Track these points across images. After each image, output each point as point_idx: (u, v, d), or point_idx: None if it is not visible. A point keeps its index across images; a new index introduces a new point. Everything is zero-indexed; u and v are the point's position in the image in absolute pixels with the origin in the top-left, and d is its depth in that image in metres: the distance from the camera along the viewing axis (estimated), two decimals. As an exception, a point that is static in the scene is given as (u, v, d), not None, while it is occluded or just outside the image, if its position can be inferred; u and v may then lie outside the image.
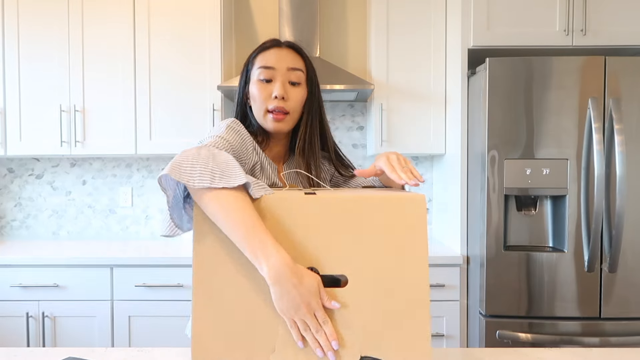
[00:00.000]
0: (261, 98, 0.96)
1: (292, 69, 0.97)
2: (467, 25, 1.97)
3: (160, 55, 2.22)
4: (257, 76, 0.97)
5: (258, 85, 0.97)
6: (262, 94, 0.96)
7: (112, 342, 2.01)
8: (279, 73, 0.96)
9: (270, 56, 0.97)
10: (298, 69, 0.98)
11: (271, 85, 0.96)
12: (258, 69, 0.97)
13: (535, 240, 1.84)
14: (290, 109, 0.97)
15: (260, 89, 0.96)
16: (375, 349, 0.68)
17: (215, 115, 2.22)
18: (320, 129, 1.04)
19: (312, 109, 1.02)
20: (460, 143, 2.02)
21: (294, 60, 0.98)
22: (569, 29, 1.91)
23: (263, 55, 0.98)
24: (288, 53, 0.99)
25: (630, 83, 1.74)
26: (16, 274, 2.00)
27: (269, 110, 0.96)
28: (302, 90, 0.99)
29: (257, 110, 0.98)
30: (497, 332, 1.77)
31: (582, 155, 1.75)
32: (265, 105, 0.96)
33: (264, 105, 0.96)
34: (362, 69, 2.51)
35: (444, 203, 2.34)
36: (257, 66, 0.98)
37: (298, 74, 0.98)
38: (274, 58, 0.97)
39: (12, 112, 2.23)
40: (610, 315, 1.75)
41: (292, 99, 0.97)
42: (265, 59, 0.97)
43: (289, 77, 0.97)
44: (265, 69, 0.96)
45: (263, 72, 0.96)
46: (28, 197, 2.56)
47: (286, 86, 0.97)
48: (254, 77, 0.98)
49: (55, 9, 2.21)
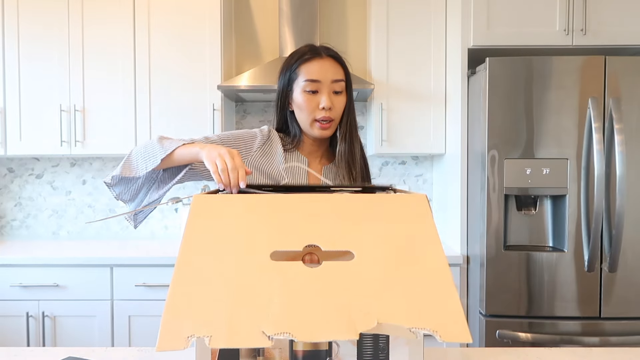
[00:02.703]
0: (309, 109, 1.05)
1: (335, 80, 1.06)
2: (467, 25, 1.97)
3: (160, 54, 2.22)
4: (302, 87, 1.05)
5: (305, 97, 1.05)
6: (309, 105, 1.05)
7: (112, 342, 2.01)
8: (324, 85, 1.05)
9: (315, 68, 1.05)
10: (340, 80, 1.07)
11: (317, 97, 1.05)
12: (304, 81, 1.05)
13: (535, 240, 1.84)
14: (334, 117, 1.07)
15: (307, 100, 1.05)
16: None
17: (215, 115, 2.22)
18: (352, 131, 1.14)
19: (350, 112, 1.12)
20: (460, 143, 2.02)
21: (336, 72, 1.07)
22: (569, 29, 1.91)
23: (307, 67, 1.06)
24: (331, 64, 1.06)
25: (630, 83, 1.74)
26: (16, 273, 2.00)
27: (317, 119, 1.06)
28: (344, 98, 1.09)
29: (303, 118, 1.07)
30: (497, 332, 1.77)
31: (582, 155, 1.75)
32: (313, 115, 1.06)
33: (312, 115, 1.06)
34: (362, 69, 2.51)
35: (444, 203, 2.34)
36: (303, 78, 1.05)
37: (341, 84, 1.07)
38: (318, 71, 1.05)
39: (12, 112, 2.23)
40: (610, 315, 1.75)
41: (336, 107, 1.06)
42: (310, 72, 1.05)
43: (333, 87, 1.06)
44: (311, 82, 1.05)
45: (309, 85, 1.05)
46: (28, 197, 2.56)
47: (331, 96, 1.05)
48: (298, 88, 1.06)
49: (55, 9, 2.21)
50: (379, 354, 0.66)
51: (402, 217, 0.68)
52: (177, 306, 0.57)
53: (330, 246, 0.64)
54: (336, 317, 0.56)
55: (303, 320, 0.55)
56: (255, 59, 2.50)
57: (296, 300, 0.57)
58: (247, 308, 0.57)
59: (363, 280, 0.60)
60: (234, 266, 0.61)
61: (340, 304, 0.57)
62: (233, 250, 0.63)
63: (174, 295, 0.58)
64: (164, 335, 0.53)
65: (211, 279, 0.60)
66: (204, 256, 0.63)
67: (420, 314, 0.57)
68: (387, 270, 0.61)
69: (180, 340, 0.53)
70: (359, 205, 0.70)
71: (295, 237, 0.65)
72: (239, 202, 0.72)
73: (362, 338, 0.66)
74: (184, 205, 2.56)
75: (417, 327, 0.55)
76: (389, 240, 0.65)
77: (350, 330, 0.54)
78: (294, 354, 0.67)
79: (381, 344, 0.66)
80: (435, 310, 0.57)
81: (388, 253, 0.63)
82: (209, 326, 0.54)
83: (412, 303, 0.58)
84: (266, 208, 0.69)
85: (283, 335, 0.53)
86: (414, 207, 0.70)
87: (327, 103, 1.04)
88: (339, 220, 0.67)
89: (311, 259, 0.71)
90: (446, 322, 0.56)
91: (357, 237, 0.65)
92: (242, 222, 0.68)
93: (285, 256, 0.68)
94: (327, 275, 0.60)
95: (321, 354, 0.66)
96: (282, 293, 0.58)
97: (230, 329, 0.54)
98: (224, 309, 0.56)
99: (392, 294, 0.59)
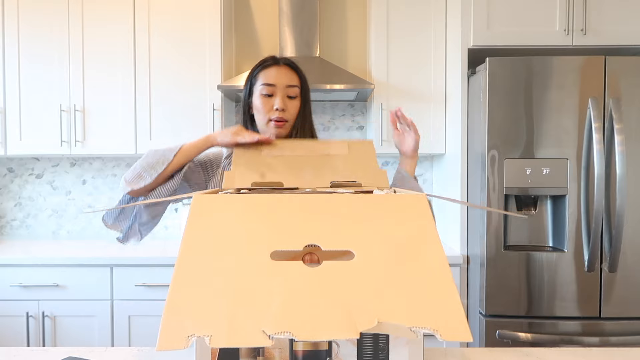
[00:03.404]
0: (264, 110, 1.15)
1: (289, 86, 1.16)
2: (467, 25, 1.97)
3: (160, 54, 2.22)
4: (260, 91, 1.16)
5: (261, 99, 1.16)
6: (265, 106, 1.15)
7: (112, 342, 2.01)
8: (279, 89, 1.15)
9: (271, 74, 1.16)
10: (294, 86, 1.17)
11: (272, 99, 1.16)
12: (261, 85, 1.16)
13: (535, 240, 1.84)
14: (288, 118, 1.17)
15: (263, 102, 1.16)
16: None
17: (215, 114, 2.22)
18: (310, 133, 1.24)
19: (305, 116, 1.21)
20: (460, 143, 2.02)
21: (291, 78, 1.18)
22: (569, 29, 1.91)
23: (265, 73, 1.17)
24: (287, 71, 1.17)
25: (630, 83, 1.74)
26: (16, 273, 2.00)
27: (271, 119, 1.15)
28: (297, 102, 1.19)
29: (260, 119, 1.17)
30: (497, 332, 1.77)
31: (582, 155, 1.75)
32: (268, 116, 1.15)
33: (267, 116, 1.16)
34: (362, 69, 2.51)
35: (444, 203, 2.34)
36: (260, 82, 1.16)
37: (294, 89, 1.17)
38: (274, 76, 1.16)
39: (12, 112, 2.23)
40: (610, 315, 1.75)
41: (289, 110, 1.17)
42: (267, 77, 1.16)
43: (287, 92, 1.16)
44: (267, 85, 1.15)
45: (265, 88, 1.15)
46: (28, 197, 2.56)
47: (285, 100, 1.16)
48: (256, 92, 1.17)
49: (55, 9, 2.21)
50: (378, 354, 0.66)
51: (402, 217, 0.68)
52: (178, 306, 0.57)
53: (330, 246, 0.64)
54: (336, 317, 0.55)
55: (303, 319, 0.55)
56: (255, 59, 2.50)
57: (296, 299, 0.57)
58: (247, 307, 0.56)
59: (363, 280, 0.60)
60: (234, 266, 0.61)
61: (341, 304, 0.57)
62: (233, 250, 0.63)
63: (174, 294, 0.58)
64: (164, 335, 0.53)
65: (211, 278, 0.60)
66: (204, 256, 0.63)
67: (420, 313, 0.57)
68: (387, 269, 0.61)
69: (180, 340, 0.53)
70: (359, 205, 0.70)
71: (295, 236, 0.64)
72: (239, 201, 0.72)
73: (362, 338, 0.66)
74: (183, 205, 2.56)
75: (417, 326, 0.55)
76: (389, 240, 0.64)
77: (351, 329, 0.54)
78: (293, 354, 0.67)
79: (381, 343, 0.66)
80: (436, 310, 0.57)
81: (388, 252, 0.63)
82: (210, 325, 0.54)
83: (412, 302, 0.58)
84: (266, 208, 0.69)
85: (283, 334, 0.53)
86: (414, 206, 0.69)
87: (280, 104, 1.14)
88: (339, 219, 0.67)
89: (311, 259, 0.71)
90: (446, 321, 0.56)
91: (357, 236, 0.65)
92: (242, 222, 0.68)
93: (286, 256, 0.68)
94: (327, 275, 0.60)
95: (321, 354, 0.66)
96: (282, 292, 0.58)
97: (230, 328, 0.54)
98: (224, 308, 0.56)
99: (393, 293, 0.59)
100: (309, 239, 0.65)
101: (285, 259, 0.62)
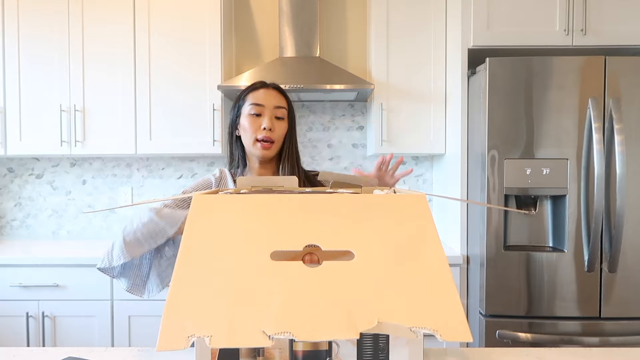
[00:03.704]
0: (252, 129, 1.18)
1: (277, 107, 1.19)
2: (467, 25, 1.97)
3: (160, 55, 2.22)
4: (248, 111, 1.19)
5: (249, 119, 1.18)
6: (252, 126, 1.18)
7: (112, 342, 2.01)
8: (267, 109, 1.18)
9: (260, 95, 1.19)
10: (282, 107, 1.20)
11: (260, 119, 1.18)
12: (249, 105, 1.19)
13: (535, 240, 1.84)
14: (275, 139, 1.19)
15: (251, 122, 1.18)
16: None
17: (215, 115, 2.22)
18: (295, 158, 1.26)
19: (292, 138, 1.24)
20: (460, 143, 2.02)
21: (279, 100, 1.21)
22: (569, 29, 1.91)
23: (254, 95, 1.20)
24: (275, 94, 1.21)
25: (630, 83, 1.74)
26: (16, 273, 2.00)
27: (258, 139, 1.17)
28: (285, 124, 1.21)
29: (247, 139, 1.20)
30: (497, 332, 1.77)
31: (582, 155, 1.75)
32: (255, 135, 1.18)
33: (254, 135, 1.18)
34: (362, 69, 2.51)
35: (444, 203, 2.34)
36: (249, 103, 1.19)
37: (282, 111, 1.20)
38: (263, 97, 1.19)
39: (12, 112, 2.23)
40: (610, 315, 1.75)
41: (276, 130, 1.19)
42: (256, 97, 1.19)
43: (275, 113, 1.19)
44: (255, 105, 1.18)
45: (254, 108, 1.18)
46: (28, 197, 2.56)
47: (272, 120, 1.18)
48: (245, 112, 1.20)
49: (55, 9, 2.21)
50: (378, 354, 0.66)
51: (402, 217, 0.68)
52: (178, 306, 0.57)
53: (330, 246, 0.63)
54: (336, 317, 0.55)
55: (303, 319, 0.55)
56: (255, 59, 2.51)
57: (296, 299, 0.57)
58: (247, 308, 0.56)
59: (363, 280, 0.60)
60: (234, 266, 0.61)
61: (341, 304, 0.56)
62: (233, 250, 0.63)
63: (174, 294, 0.58)
64: (164, 335, 0.53)
65: (211, 278, 0.60)
66: (204, 256, 0.63)
67: (420, 313, 0.57)
68: (387, 269, 0.61)
69: (180, 340, 0.53)
70: (359, 205, 0.70)
71: (295, 237, 0.64)
72: (239, 202, 0.72)
73: (362, 338, 0.66)
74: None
75: (417, 327, 0.55)
76: (389, 240, 0.64)
77: (351, 329, 0.53)
78: (293, 354, 0.67)
79: (381, 344, 0.66)
80: (436, 310, 0.57)
81: (388, 252, 0.63)
82: (209, 326, 0.54)
83: (412, 302, 0.58)
84: (266, 208, 0.69)
85: (283, 334, 0.53)
86: (413, 206, 0.69)
87: (268, 124, 1.16)
88: (339, 219, 0.67)
89: (311, 259, 0.71)
90: (446, 321, 0.56)
91: (357, 236, 0.65)
92: (242, 222, 0.68)
93: (286, 256, 0.68)
94: (327, 275, 0.60)
95: (321, 354, 0.66)
96: (282, 293, 0.58)
97: (230, 328, 0.54)
98: (224, 308, 0.56)
99: (393, 294, 0.59)
100: (308, 239, 0.64)
101: (285, 259, 0.62)
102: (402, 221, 0.67)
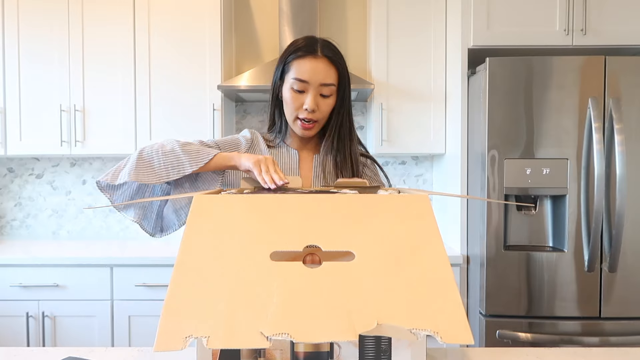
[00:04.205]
0: (293, 107, 1.05)
1: (324, 84, 1.03)
2: (467, 25, 1.97)
3: (160, 55, 2.22)
4: (290, 84, 1.04)
5: (291, 94, 1.04)
6: (294, 103, 1.04)
7: (112, 342, 2.01)
8: (312, 86, 1.03)
9: (305, 68, 1.02)
10: (330, 84, 1.04)
11: (303, 96, 1.03)
12: (292, 78, 1.03)
13: (535, 240, 1.84)
14: (318, 118, 1.06)
15: (293, 97, 1.04)
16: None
17: (215, 114, 2.22)
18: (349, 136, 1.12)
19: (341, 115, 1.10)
20: (460, 143, 2.02)
21: (327, 75, 1.03)
22: (569, 29, 1.91)
23: (298, 65, 1.03)
24: (324, 66, 1.03)
25: (630, 83, 1.74)
26: (16, 273, 2.00)
27: (299, 118, 1.05)
28: (331, 101, 1.06)
29: (288, 113, 1.08)
30: (497, 332, 1.77)
31: (582, 155, 1.75)
32: (296, 113, 1.05)
33: (295, 113, 1.05)
34: (362, 69, 2.51)
35: (444, 203, 2.34)
36: (292, 75, 1.03)
37: (330, 88, 1.05)
38: (308, 71, 1.02)
39: (12, 112, 2.23)
40: (610, 315, 1.75)
41: (321, 110, 1.05)
42: (300, 71, 1.02)
43: (321, 90, 1.04)
44: (299, 81, 1.02)
45: (296, 84, 1.03)
46: (28, 197, 2.56)
47: (317, 99, 1.04)
48: (287, 83, 1.05)
49: (55, 9, 2.21)
50: (381, 356, 0.65)
51: (404, 217, 0.67)
52: (176, 306, 0.56)
53: (331, 246, 0.63)
54: (335, 318, 0.55)
55: (302, 320, 0.54)
56: (255, 59, 2.50)
57: (295, 300, 0.56)
58: (246, 308, 0.56)
59: (363, 281, 0.59)
60: (234, 266, 0.61)
61: (340, 305, 0.56)
62: (233, 251, 0.63)
63: (173, 295, 0.57)
64: (161, 336, 0.52)
65: (210, 279, 0.59)
66: (204, 256, 0.62)
67: (421, 314, 0.56)
68: (387, 271, 0.60)
69: (178, 341, 0.52)
70: (360, 205, 0.70)
71: (296, 237, 0.64)
72: (239, 202, 0.71)
73: (364, 339, 0.65)
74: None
75: (417, 328, 0.54)
76: (390, 241, 0.64)
77: (350, 331, 0.53)
78: (295, 355, 0.66)
79: (383, 345, 0.65)
80: (436, 311, 0.56)
81: (389, 254, 0.62)
82: (207, 326, 0.53)
83: (412, 304, 0.57)
84: (266, 208, 0.69)
85: (281, 336, 0.52)
86: (416, 207, 0.69)
87: (310, 105, 1.02)
88: (340, 220, 0.67)
89: (312, 260, 0.70)
90: (447, 323, 0.55)
91: (358, 237, 0.64)
92: (242, 222, 0.67)
93: (286, 256, 0.68)
94: (327, 276, 0.59)
95: (322, 355, 0.66)
96: (282, 293, 0.57)
97: (228, 329, 0.53)
98: (222, 309, 0.55)
99: (393, 295, 0.58)
100: (309, 240, 0.64)
101: (285, 260, 0.61)
102: (404, 222, 0.66)
